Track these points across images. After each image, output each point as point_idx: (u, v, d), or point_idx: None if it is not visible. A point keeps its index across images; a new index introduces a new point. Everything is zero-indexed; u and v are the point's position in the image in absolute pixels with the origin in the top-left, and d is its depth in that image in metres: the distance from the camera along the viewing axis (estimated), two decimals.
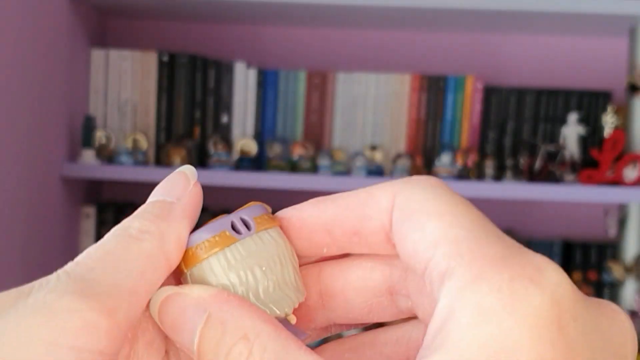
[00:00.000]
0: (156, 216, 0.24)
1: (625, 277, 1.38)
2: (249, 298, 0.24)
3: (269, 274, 0.24)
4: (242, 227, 0.24)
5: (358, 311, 0.26)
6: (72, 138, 1.38)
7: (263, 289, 0.24)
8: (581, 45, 1.50)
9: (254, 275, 0.24)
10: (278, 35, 1.54)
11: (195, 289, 0.23)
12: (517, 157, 1.41)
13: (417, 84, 1.44)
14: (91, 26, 1.45)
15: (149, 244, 0.23)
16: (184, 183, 0.25)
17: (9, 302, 0.21)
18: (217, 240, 0.24)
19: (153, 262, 0.23)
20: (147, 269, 0.23)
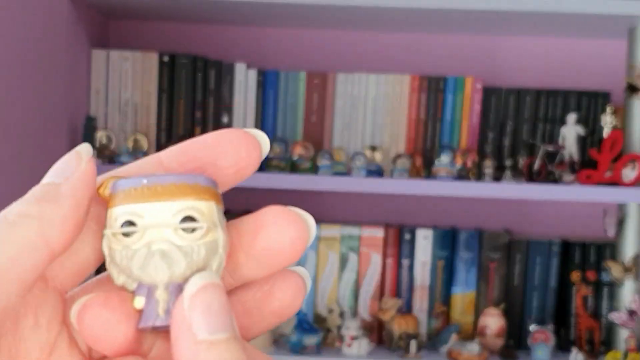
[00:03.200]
0: (39, 199, 0.23)
1: (624, 277, 1.38)
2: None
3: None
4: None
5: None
6: (73, 138, 1.38)
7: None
8: (580, 46, 1.51)
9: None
10: (278, 36, 1.54)
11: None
12: (516, 157, 1.42)
13: (416, 85, 1.44)
14: (92, 27, 1.46)
15: (25, 227, 0.22)
16: (76, 163, 0.23)
17: None
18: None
19: (30, 246, 0.22)
20: (21, 253, 0.21)
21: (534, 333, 1.38)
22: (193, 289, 0.22)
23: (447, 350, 1.36)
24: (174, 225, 0.23)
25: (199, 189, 0.23)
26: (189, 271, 0.23)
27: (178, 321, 0.22)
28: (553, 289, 1.45)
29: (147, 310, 0.23)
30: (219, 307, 0.22)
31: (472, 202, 1.52)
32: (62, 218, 0.22)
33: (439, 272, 1.45)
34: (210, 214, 0.23)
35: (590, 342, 1.40)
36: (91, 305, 0.23)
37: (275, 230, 0.24)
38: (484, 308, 1.42)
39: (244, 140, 0.24)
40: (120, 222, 0.23)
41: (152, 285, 0.23)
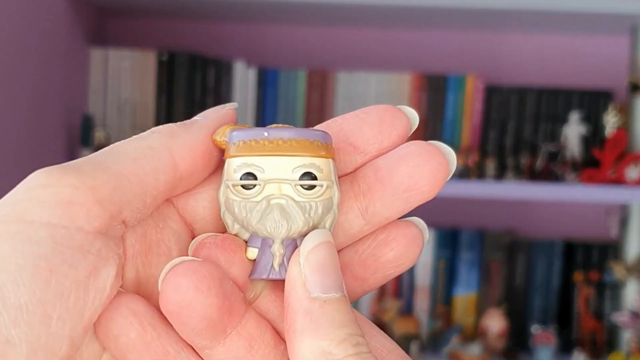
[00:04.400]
0: (172, 126, 0.24)
1: (627, 277, 1.37)
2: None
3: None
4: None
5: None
6: (71, 137, 1.37)
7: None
8: (582, 44, 1.49)
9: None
10: (278, 34, 1.53)
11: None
12: (518, 156, 1.41)
13: (417, 83, 1.43)
14: (90, 25, 1.44)
15: (152, 138, 0.23)
16: (218, 108, 0.25)
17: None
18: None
19: (152, 152, 0.23)
20: (142, 156, 0.22)
21: (536, 334, 1.37)
22: (309, 246, 0.23)
23: (449, 352, 1.35)
24: (294, 180, 0.23)
25: (318, 145, 0.24)
26: (305, 227, 0.23)
27: (293, 277, 0.22)
28: (555, 290, 1.44)
29: (261, 262, 0.23)
30: (333, 266, 0.22)
31: (474, 201, 1.51)
32: (190, 139, 0.23)
33: (440, 272, 1.44)
34: (328, 172, 0.24)
35: (592, 343, 1.39)
36: (208, 244, 0.23)
37: (416, 162, 0.24)
38: (486, 309, 1.41)
39: (390, 111, 0.25)
40: (240, 173, 0.23)
41: (267, 239, 0.24)
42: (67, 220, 0.20)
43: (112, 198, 0.21)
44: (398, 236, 0.25)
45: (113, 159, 0.22)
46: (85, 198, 0.21)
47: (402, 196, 0.24)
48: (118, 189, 0.22)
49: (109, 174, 0.21)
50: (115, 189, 0.21)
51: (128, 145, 0.23)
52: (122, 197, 0.22)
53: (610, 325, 1.41)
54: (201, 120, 0.24)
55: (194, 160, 0.23)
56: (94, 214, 0.21)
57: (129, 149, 0.23)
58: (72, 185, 0.21)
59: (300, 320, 0.21)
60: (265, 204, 0.23)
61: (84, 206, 0.21)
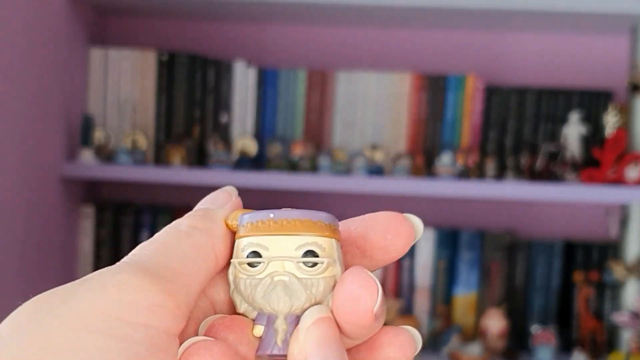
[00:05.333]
0: (203, 217, 0.26)
1: (627, 277, 1.37)
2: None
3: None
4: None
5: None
6: (71, 137, 1.37)
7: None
8: (582, 44, 1.49)
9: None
10: (278, 34, 1.53)
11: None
12: (518, 156, 1.41)
13: (417, 83, 1.43)
14: (90, 25, 1.44)
15: (198, 237, 0.25)
16: (227, 196, 0.27)
17: (70, 287, 0.22)
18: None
19: (203, 253, 0.25)
20: (198, 258, 0.24)
21: (536, 334, 1.37)
22: (309, 321, 0.24)
23: (449, 352, 1.35)
24: (296, 258, 0.24)
25: (321, 225, 0.25)
26: (307, 304, 0.24)
27: (294, 352, 0.23)
28: (555, 290, 1.44)
29: (265, 339, 0.25)
30: (332, 340, 0.23)
31: (474, 202, 1.50)
32: (223, 234, 0.26)
33: (440, 272, 1.44)
34: (330, 250, 0.25)
35: (592, 343, 1.39)
36: (217, 326, 0.25)
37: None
38: (486, 309, 1.41)
39: (397, 219, 0.26)
40: (247, 252, 0.25)
41: (272, 315, 0.25)
42: (158, 322, 0.22)
43: (186, 301, 0.23)
44: (393, 342, 0.26)
45: (180, 262, 0.24)
46: (171, 303, 0.23)
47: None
48: (189, 292, 0.24)
49: (183, 279, 0.23)
50: (189, 293, 0.24)
51: (182, 244, 0.24)
52: (192, 298, 0.24)
53: (610, 325, 1.41)
54: (221, 212, 0.26)
55: (227, 253, 0.26)
56: (177, 318, 0.23)
57: (185, 249, 0.24)
58: (161, 290, 0.22)
59: None
60: (269, 281, 0.24)
61: (170, 310, 0.23)
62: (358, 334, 0.25)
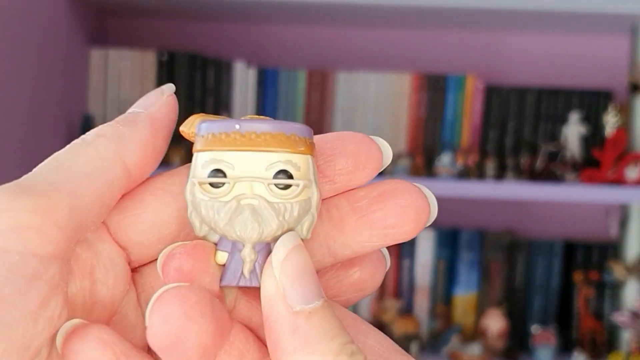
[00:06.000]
0: (118, 122, 0.22)
1: (627, 277, 1.37)
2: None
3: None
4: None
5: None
6: (71, 137, 1.37)
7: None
8: (582, 44, 1.49)
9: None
10: (278, 34, 1.53)
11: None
12: (518, 156, 1.41)
13: (417, 83, 1.43)
14: (90, 25, 1.44)
15: (100, 146, 0.22)
16: (157, 94, 0.23)
17: None
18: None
19: (103, 163, 0.21)
20: (95, 169, 0.21)
21: (536, 334, 1.37)
22: (282, 255, 0.21)
23: (449, 352, 1.35)
24: (267, 179, 0.21)
25: (296, 140, 0.21)
26: (279, 231, 0.21)
27: (270, 291, 0.20)
28: (555, 290, 1.44)
29: (230, 268, 0.22)
30: (309, 273, 0.21)
31: (474, 202, 1.50)
32: (139, 140, 0.22)
33: (440, 272, 1.44)
34: (306, 170, 0.22)
35: (592, 343, 1.39)
36: (177, 254, 0.21)
37: (404, 199, 0.23)
38: (486, 309, 1.41)
39: (366, 143, 0.23)
40: (208, 170, 0.21)
41: (237, 242, 0.22)
42: (22, 245, 0.19)
43: (69, 219, 0.20)
44: (363, 258, 0.24)
45: (65, 174, 0.21)
46: (42, 221, 0.19)
47: (380, 232, 0.23)
48: (75, 209, 0.20)
49: (64, 193, 0.20)
50: (72, 210, 0.20)
51: (77, 156, 0.21)
52: (80, 216, 0.20)
53: (610, 325, 1.41)
54: (144, 115, 0.23)
55: (146, 162, 0.22)
56: (51, 238, 0.20)
57: (80, 161, 0.21)
58: (27, 208, 0.19)
59: (288, 338, 0.20)
60: (235, 205, 0.21)
61: (40, 230, 0.19)
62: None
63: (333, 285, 0.24)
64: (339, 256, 0.23)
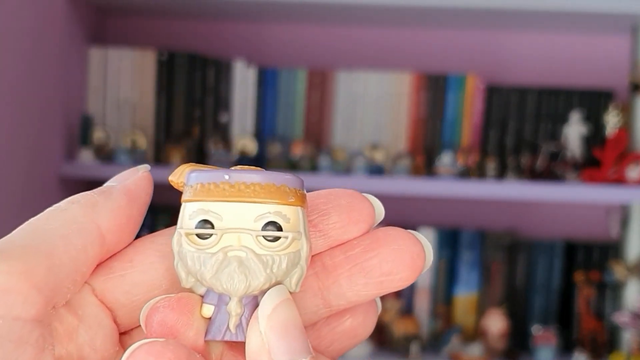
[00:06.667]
0: (92, 192, 0.23)
1: (628, 277, 1.37)
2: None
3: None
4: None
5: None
6: (70, 137, 1.37)
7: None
8: (583, 44, 1.49)
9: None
10: (278, 33, 1.53)
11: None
12: (518, 156, 1.40)
13: (417, 83, 1.43)
14: (89, 24, 1.44)
15: (75, 211, 0.22)
16: (133, 171, 0.24)
17: None
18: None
19: (78, 227, 0.21)
20: (69, 232, 0.21)
21: (536, 334, 1.37)
22: (268, 309, 0.20)
23: (449, 352, 1.35)
24: (256, 231, 0.21)
25: (286, 191, 0.21)
26: (267, 284, 0.21)
27: (255, 346, 0.20)
28: (556, 290, 1.43)
29: (216, 322, 0.21)
30: (296, 328, 0.20)
31: (474, 201, 1.50)
32: (113, 208, 0.22)
33: (440, 272, 1.44)
34: (295, 221, 0.21)
35: (593, 344, 1.38)
36: (160, 308, 0.21)
37: (397, 245, 0.22)
38: (487, 309, 1.41)
39: (358, 199, 0.23)
40: (196, 220, 0.21)
41: (224, 295, 0.21)
42: (5, 310, 0.19)
43: (47, 282, 0.20)
44: (355, 306, 0.23)
45: (40, 238, 0.21)
46: (20, 284, 0.19)
47: (376, 280, 0.22)
48: (51, 270, 0.20)
49: (40, 256, 0.20)
50: (49, 271, 0.20)
51: (52, 221, 0.21)
52: (56, 278, 0.20)
53: (611, 326, 1.40)
54: (119, 186, 0.23)
55: (120, 229, 0.22)
56: (31, 301, 0.19)
57: (53, 225, 0.21)
58: (5, 271, 0.19)
59: None
60: (222, 257, 0.21)
61: (20, 293, 0.19)
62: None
63: (325, 335, 0.24)
64: (334, 307, 0.23)
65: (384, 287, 0.22)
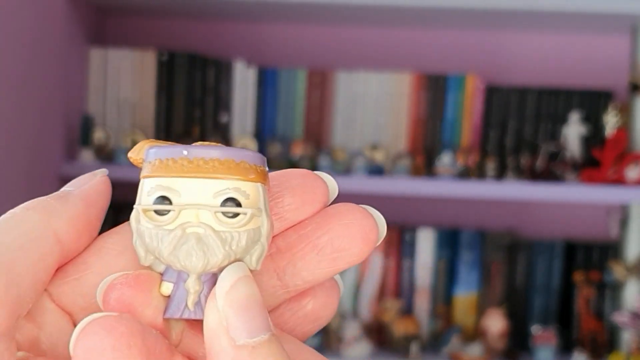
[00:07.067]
0: (49, 197, 0.22)
1: (627, 277, 1.37)
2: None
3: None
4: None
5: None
6: (70, 137, 1.37)
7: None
8: (582, 44, 1.49)
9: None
10: (278, 33, 1.53)
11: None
12: (518, 156, 1.41)
13: (417, 83, 1.43)
14: (89, 24, 1.44)
15: (31, 218, 0.21)
16: (89, 176, 0.23)
17: None
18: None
19: (36, 235, 0.21)
20: (27, 242, 0.20)
21: (536, 334, 1.37)
22: (227, 286, 0.20)
23: (449, 352, 1.35)
24: (214, 207, 0.20)
25: (246, 167, 0.21)
26: (226, 261, 0.21)
27: (213, 323, 0.20)
28: (556, 290, 1.44)
29: (174, 299, 0.21)
30: (256, 304, 0.20)
31: (474, 201, 1.50)
32: (71, 213, 0.21)
33: (440, 272, 1.44)
34: (255, 198, 0.21)
35: (593, 344, 1.38)
36: (117, 285, 0.21)
37: (347, 220, 0.22)
38: (486, 309, 1.41)
39: (312, 178, 0.23)
40: (153, 197, 0.21)
41: (182, 272, 0.21)
42: None
43: (7, 295, 0.19)
44: (315, 288, 0.23)
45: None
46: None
47: (329, 257, 0.22)
48: (12, 283, 0.20)
49: (0, 269, 0.20)
50: (10, 285, 0.19)
51: (7, 230, 0.21)
52: (18, 290, 0.20)
53: (610, 326, 1.40)
54: (76, 191, 0.22)
55: (78, 234, 0.21)
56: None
57: (11, 235, 0.20)
58: None
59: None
60: (180, 233, 0.20)
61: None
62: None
63: (287, 319, 0.23)
64: (291, 287, 0.23)
65: (338, 264, 0.22)
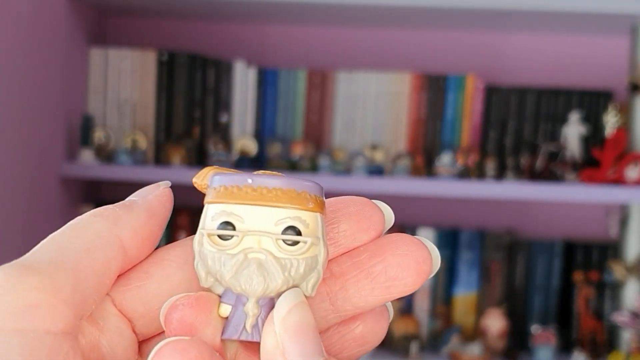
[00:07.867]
0: (115, 206, 0.23)
1: (627, 277, 1.37)
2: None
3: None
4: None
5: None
6: (71, 137, 1.37)
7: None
8: (582, 44, 1.49)
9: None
10: (278, 33, 1.53)
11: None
12: (518, 156, 1.41)
13: (417, 83, 1.43)
14: (90, 25, 1.44)
15: (98, 225, 0.22)
16: (154, 187, 0.24)
17: None
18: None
19: (102, 241, 0.22)
20: (93, 246, 0.22)
21: (536, 334, 1.37)
22: (284, 311, 0.21)
23: (449, 352, 1.35)
24: (276, 234, 0.22)
25: (306, 197, 0.22)
26: (284, 287, 0.22)
27: (269, 346, 0.21)
28: (555, 290, 1.44)
29: (233, 321, 0.22)
30: (311, 330, 0.21)
31: (474, 201, 1.50)
32: (135, 223, 0.23)
33: (440, 272, 1.44)
34: (314, 227, 0.22)
35: (592, 343, 1.39)
36: (180, 305, 0.22)
37: (402, 250, 0.23)
38: (486, 309, 1.41)
39: (369, 206, 0.24)
40: (218, 222, 0.22)
41: (241, 296, 0.22)
42: (35, 324, 0.20)
43: (74, 295, 0.21)
44: (365, 312, 0.24)
45: (66, 253, 0.21)
46: (50, 299, 0.20)
47: (382, 285, 0.23)
48: (78, 284, 0.21)
49: (67, 271, 0.21)
50: (76, 285, 0.21)
51: (75, 236, 0.22)
52: (82, 292, 0.21)
53: (610, 325, 1.41)
54: (141, 201, 0.23)
55: (142, 244, 0.23)
56: (61, 315, 0.20)
57: (78, 240, 0.22)
58: (35, 287, 0.20)
59: None
60: (242, 258, 0.21)
61: (49, 307, 0.20)
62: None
63: (335, 342, 0.24)
64: (342, 312, 0.23)
65: (392, 292, 0.23)
